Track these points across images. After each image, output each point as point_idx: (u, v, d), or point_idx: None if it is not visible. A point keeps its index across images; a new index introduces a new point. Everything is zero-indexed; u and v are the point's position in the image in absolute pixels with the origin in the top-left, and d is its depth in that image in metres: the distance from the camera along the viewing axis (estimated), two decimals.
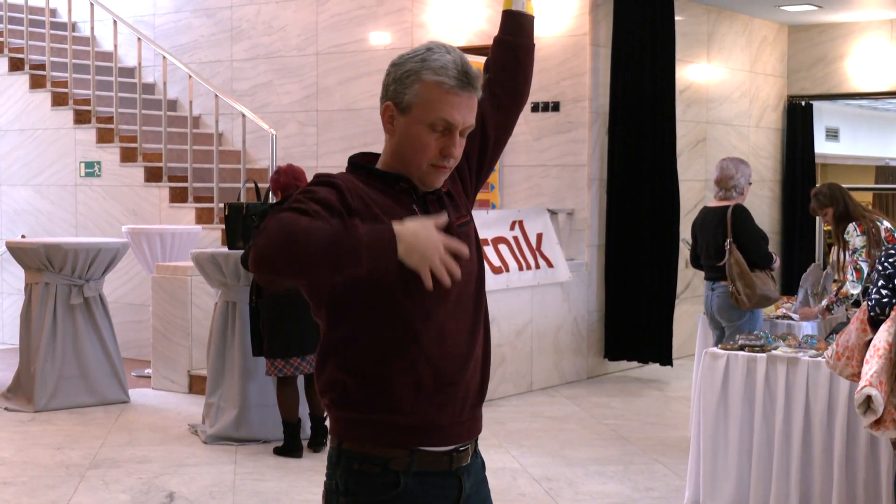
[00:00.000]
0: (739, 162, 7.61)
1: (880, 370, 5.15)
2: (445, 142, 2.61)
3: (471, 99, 2.63)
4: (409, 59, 2.63)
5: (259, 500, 6.38)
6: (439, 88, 2.58)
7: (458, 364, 2.61)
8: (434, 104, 2.59)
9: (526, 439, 7.91)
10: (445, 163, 2.63)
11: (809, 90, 13.32)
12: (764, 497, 5.91)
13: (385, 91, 2.66)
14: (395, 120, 2.63)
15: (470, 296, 2.66)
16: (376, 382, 2.55)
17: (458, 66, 2.61)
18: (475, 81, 2.63)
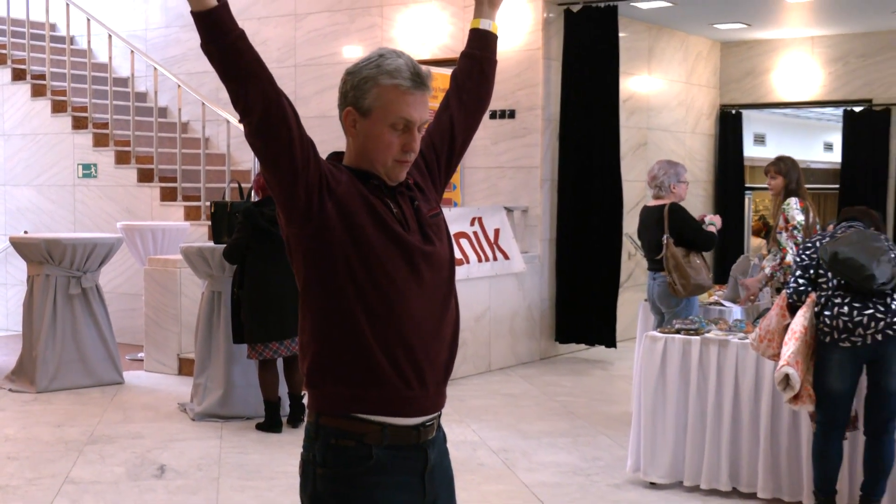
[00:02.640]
0: (669, 164, 7.63)
1: (797, 351, 5.20)
2: (406, 138, 2.61)
3: (424, 97, 2.63)
4: (364, 67, 2.61)
5: (243, 472, 6.36)
6: (396, 90, 2.58)
7: (429, 343, 2.60)
8: (393, 105, 2.58)
9: (485, 415, 7.92)
10: (407, 157, 2.62)
11: (739, 100, 13.41)
12: (697, 465, 5.95)
13: (344, 98, 2.64)
14: (357, 123, 2.62)
15: (442, 280, 2.65)
16: (353, 358, 2.54)
17: (411, 68, 2.60)
18: (427, 80, 2.63)
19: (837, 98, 12.82)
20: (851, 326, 5.15)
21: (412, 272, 2.57)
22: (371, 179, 2.62)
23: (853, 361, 5.22)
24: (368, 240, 2.53)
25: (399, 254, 2.56)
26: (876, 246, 5.22)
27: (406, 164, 2.63)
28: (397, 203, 2.62)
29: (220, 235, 7.96)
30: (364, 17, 11.38)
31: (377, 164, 2.61)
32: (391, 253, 2.55)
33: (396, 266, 2.55)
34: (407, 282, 2.56)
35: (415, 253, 2.58)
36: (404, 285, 2.56)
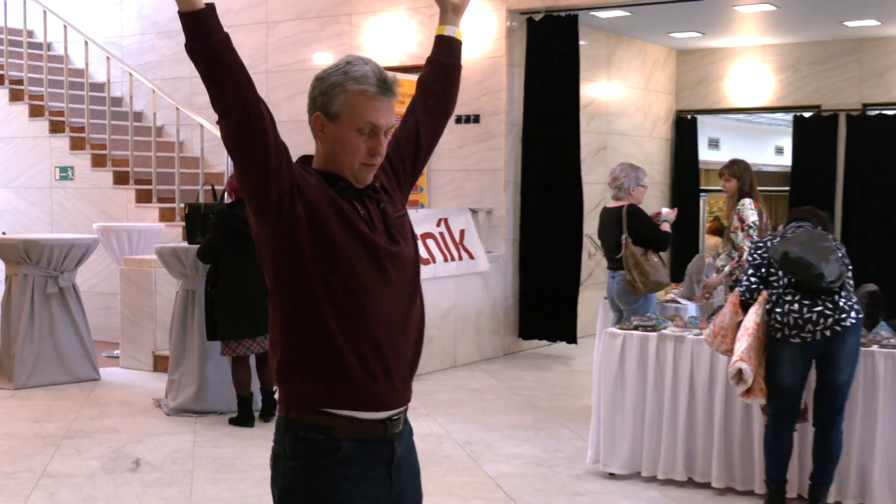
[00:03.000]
0: (631, 167, 7.65)
1: (749, 347, 5.23)
2: (373, 143, 2.60)
3: (390, 102, 2.62)
4: (332, 73, 2.61)
5: (216, 465, 6.33)
6: (363, 96, 2.57)
7: (395, 339, 2.60)
8: (360, 111, 2.57)
9: (450, 408, 7.92)
10: (374, 161, 2.62)
11: (694, 105, 13.48)
12: (655, 456, 5.98)
13: (313, 103, 2.64)
14: (325, 128, 2.61)
15: (407, 279, 2.65)
16: (322, 355, 2.53)
17: (377, 74, 2.60)
18: (393, 87, 2.62)
19: (788, 104, 12.91)
20: (801, 323, 5.19)
21: (379, 271, 2.57)
22: (339, 182, 2.62)
23: (803, 357, 5.25)
24: (336, 240, 2.53)
25: (366, 254, 2.56)
26: (824, 246, 5.26)
27: (373, 167, 2.63)
28: (364, 205, 2.62)
29: (194, 236, 7.94)
30: (333, 24, 11.36)
31: (345, 167, 2.61)
32: (358, 253, 2.55)
33: (363, 265, 2.55)
34: (374, 280, 2.56)
35: (381, 253, 2.58)
36: (371, 284, 2.55)
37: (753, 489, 5.70)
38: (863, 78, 12.28)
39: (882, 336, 5.56)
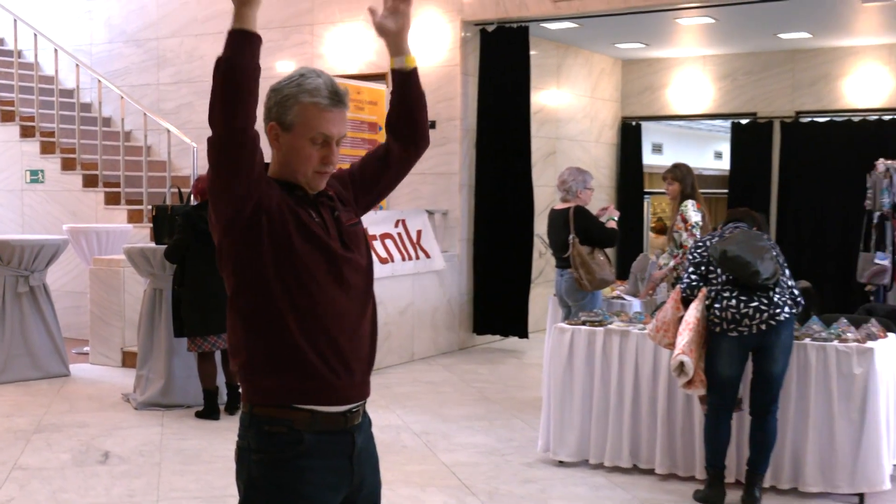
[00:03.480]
0: (578, 171, 7.69)
1: (690, 341, 5.27)
2: (325, 152, 2.60)
3: (342, 113, 2.61)
4: (286, 85, 2.59)
5: (183, 457, 6.27)
6: (315, 108, 2.56)
7: (352, 338, 2.60)
8: (312, 122, 2.56)
9: (408, 401, 7.92)
10: (327, 169, 2.62)
11: (639, 112, 13.57)
12: (602, 445, 6.00)
13: (268, 113, 2.61)
14: (280, 137, 2.60)
15: (361, 283, 2.65)
16: (283, 355, 2.53)
17: (329, 87, 2.58)
18: (344, 98, 2.61)
19: (726, 111, 13.03)
20: (739, 318, 5.24)
21: (334, 275, 2.57)
22: (296, 191, 2.61)
23: (740, 349, 5.30)
24: (296, 248, 2.53)
25: (322, 258, 2.56)
26: (760, 245, 5.32)
27: (325, 174, 2.63)
28: (318, 213, 2.62)
29: (161, 237, 7.90)
30: (296, 34, 11.32)
31: (298, 174, 2.60)
32: (315, 257, 2.55)
33: (320, 269, 2.55)
34: (330, 283, 2.56)
35: (336, 257, 2.58)
36: (327, 286, 2.56)
37: (694, 475, 5.73)
38: (796, 87, 12.43)
39: (814, 330, 5.63)
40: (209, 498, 5.46)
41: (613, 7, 9.66)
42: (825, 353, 5.48)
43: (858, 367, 5.40)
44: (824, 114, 12.27)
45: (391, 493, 5.45)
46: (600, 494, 5.58)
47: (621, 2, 9.55)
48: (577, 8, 9.82)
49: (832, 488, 5.47)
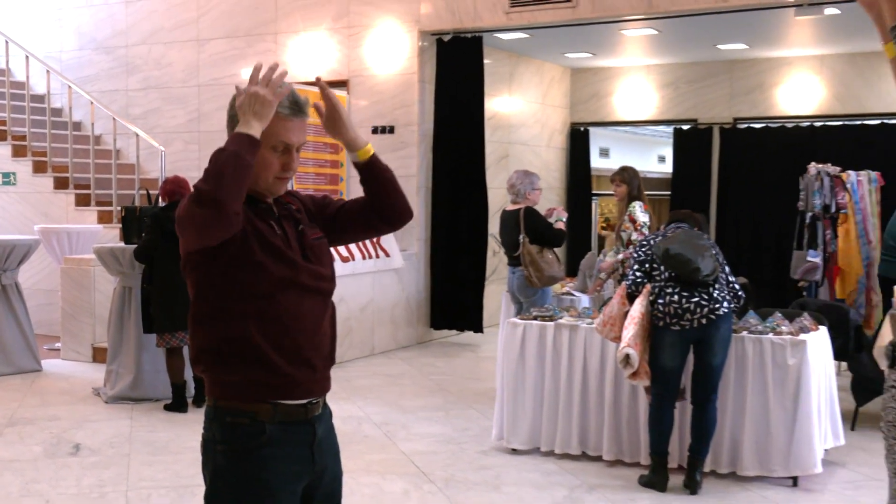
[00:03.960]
0: (525, 173, 7.71)
1: (635, 334, 5.31)
2: (285, 159, 2.58)
3: (302, 122, 2.59)
4: None
5: (152, 448, 6.21)
6: (277, 117, 2.53)
7: (312, 337, 2.59)
8: (274, 130, 2.53)
9: (369, 393, 7.90)
10: (286, 175, 2.60)
11: (587, 118, 13.64)
12: (552, 433, 6.02)
13: (231, 119, 2.59)
14: None
15: (322, 290, 2.64)
16: (247, 356, 2.51)
17: (290, 97, 2.56)
18: (305, 108, 2.59)
19: (669, 118, 13.14)
20: (681, 312, 5.28)
21: (294, 282, 2.55)
22: (259, 204, 2.59)
23: (682, 342, 5.34)
24: (256, 258, 2.51)
25: (283, 267, 2.54)
26: (700, 244, 5.37)
27: (285, 180, 2.61)
28: (280, 225, 2.60)
29: (130, 237, 7.84)
30: (260, 42, 11.25)
31: (259, 180, 2.57)
32: (276, 268, 2.53)
33: (281, 278, 2.53)
34: (290, 290, 2.54)
35: (296, 266, 2.57)
36: (288, 293, 2.54)
37: (639, 461, 5.77)
38: (733, 95, 12.56)
39: (751, 323, 5.69)
40: (177, 487, 5.41)
41: (562, 19, 9.70)
42: (761, 345, 5.54)
43: (792, 358, 5.47)
44: (760, 120, 12.42)
45: (353, 480, 5.44)
46: (551, 480, 5.60)
47: (570, 14, 9.60)
48: (528, 19, 9.86)
49: (768, 472, 5.53)
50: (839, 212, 8.35)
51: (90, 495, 5.28)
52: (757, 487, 5.49)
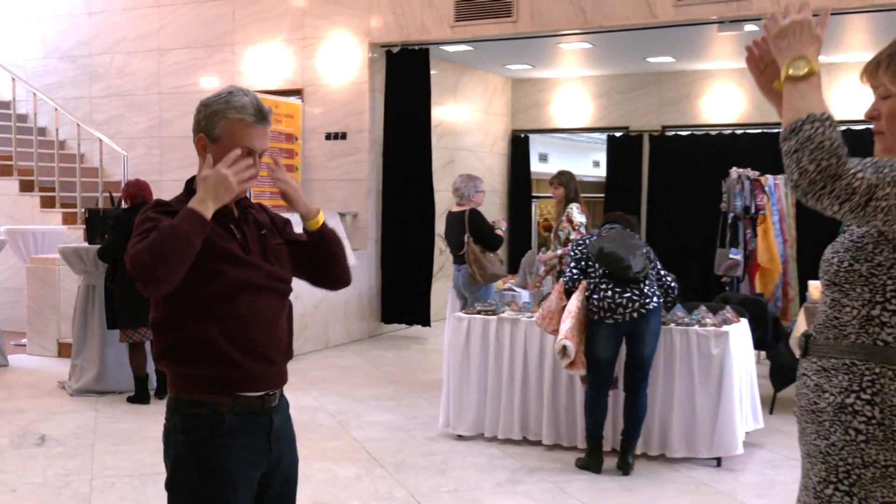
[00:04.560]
0: (469, 177, 7.74)
1: (572, 327, 5.34)
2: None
3: (265, 129, 2.57)
4: (215, 101, 2.55)
5: (115, 438, 6.12)
6: (241, 123, 2.52)
7: (269, 335, 2.57)
8: (238, 136, 2.52)
9: (323, 384, 7.87)
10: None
11: (527, 126, 13.70)
12: (495, 420, 6.04)
13: (197, 125, 2.57)
14: (207, 148, 2.55)
15: (279, 290, 2.63)
16: (206, 347, 2.48)
17: (254, 105, 2.54)
18: (268, 116, 2.57)
19: (602, 125, 13.24)
20: (614, 307, 5.33)
21: (252, 283, 2.53)
22: (221, 208, 2.55)
23: (615, 334, 5.39)
24: (218, 267, 2.49)
25: (241, 269, 2.52)
26: (632, 243, 5.43)
27: (248, 184, 2.59)
28: (241, 229, 2.58)
29: (94, 237, 7.72)
30: (218, 53, 11.13)
31: None
32: (234, 270, 2.51)
33: (239, 279, 2.51)
34: (248, 290, 2.52)
35: (253, 267, 2.54)
36: (246, 293, 2.52)
37: (576, 445, 5.81)
38: (662, 105, 12.70)
39: (678, 316, 5.75)
40: (140, 475, 5.34)
41: (504, 32, 9.74)
42: (687, 336, 5.60)
43: (716, 348, 5.54)
44: (686, 128, 12.55)
45: (307, 467, 5.40)
46: (494, 464, 5.62)
47: (511, 28, 9.64)
48: (472, 33, 9.88)
49: (694, 454, 5.60)
50: (758, 213, 8.47)
51: (56, 484, 5.18)
52: (684, 468, 5.55)
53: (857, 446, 2.00)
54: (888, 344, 1.99)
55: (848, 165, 1.87)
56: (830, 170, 1.87)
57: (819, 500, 2.04)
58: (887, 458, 1.97)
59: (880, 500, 1.98)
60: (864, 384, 2.00)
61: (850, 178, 1.86)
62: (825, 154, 1.88)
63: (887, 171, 1.88)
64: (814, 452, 2.07)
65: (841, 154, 1.88)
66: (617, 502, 4.96)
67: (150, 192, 7.13)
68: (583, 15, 9.27)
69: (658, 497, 5.06)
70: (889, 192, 1.87)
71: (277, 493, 2.64)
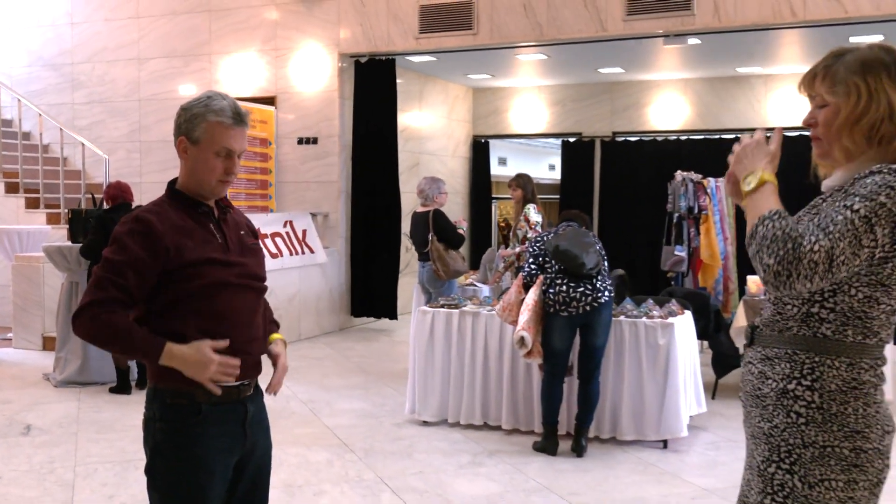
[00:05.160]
0: (433, 179, 7.72)
1: (529, 319, 5.35)
2: (228, 164, 2.53)
3: (243, 131, 2.55)
4: (195, 105, 2.52)
5: (98, 427, 6.03)
6: (220, 126, 2.49)
7: (245, 330, 2.55)
8: (217, 137, 2.49)
9: (296, 374, 7.80)
10: (229, 178, 2.55)
11: (487, 131, 13.71)
12: (458, 407, 6.04)
13: (178, 128, 2.54)
14: (188, 150, 2.52)
15: (255, 288, 2.60)
16: (185, 341, 2.44)
17: (233, 108, 2.52)
18: (245, 119, 2.55)
19: (557, 131, 13.28)
20: (568, 300, 5.34)
21: (229, 280, 2.50)
22: (201, 206, 2.53)
23: (570, 326, 5.40)
24: (197, 268, 2.45)
25: (219, 267, 2.49)
26: (586, 241, 5.44)
27: (227, 183, 2.55)
28: (221, 230, 2.55)
29: (77, 236, 7.61)
30: (196, 62, 11.00)
31: (203, 183, 2.52)
32: (212, 267, 2.47)
33: (216, 277, 2.48)
34: (225, 287, 2.49)
35: (231, 265, 2.52)
36: (223, 290, 2.49)
37: (533, 429, 5.83)
38: (613, 112, 12.77)
39: (627, 309, 5.79)
40: (121, 462, 5.26)
41: (465, 44, 9.73)
42: (636, 327, 5.63)
43: (662, 338, 5.58)
44: (635, 134, 12.64)
45: (281, 452, 5.36)
46: (457, 447, 5.62)
47: (472, 40, 9.63)
48: (435, 44, 9.85)
49: (642, 436, 5.64)
50: (701, 213, 8.55)
51: (41, 471, 5.09)
52: (634, 450, 5.59)
53: (798, 428, 2.01)
54: (827, 337, 2.01)
55: (803, 244, 1.87)
56: (789, 256, 1.87)
57: (762, 478, 2.06)
58: (825, 439, 1.99)
59: (818, 477, 2.00)
60: (804, 371, 2.02)
61: (809, 255, 1.86)
62: (779, 244, 1.88)
63: (832, 227, 1.89)
64: (758, 434, 2.08)
65: (794, 236, 1.88)
66: (571, 482, 4.97)
67: (130, 194, 7.03)
68: (539, 28, 9.28)
69: (609, 477, 5.08)
70: (843, 247, 1.87)
71: (252, 478, 2.61)
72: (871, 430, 1.99)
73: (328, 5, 10.26)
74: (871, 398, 2.00)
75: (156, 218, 2.46)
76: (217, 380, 2.42)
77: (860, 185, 1.93)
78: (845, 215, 1.89)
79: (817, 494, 1.98)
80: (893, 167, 1.94)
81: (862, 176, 1.96)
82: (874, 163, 2.00)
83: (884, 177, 1.92)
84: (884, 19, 8.12)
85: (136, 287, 2.41)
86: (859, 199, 1.90)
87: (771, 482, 2.03)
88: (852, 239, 1.87)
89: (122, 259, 2.41)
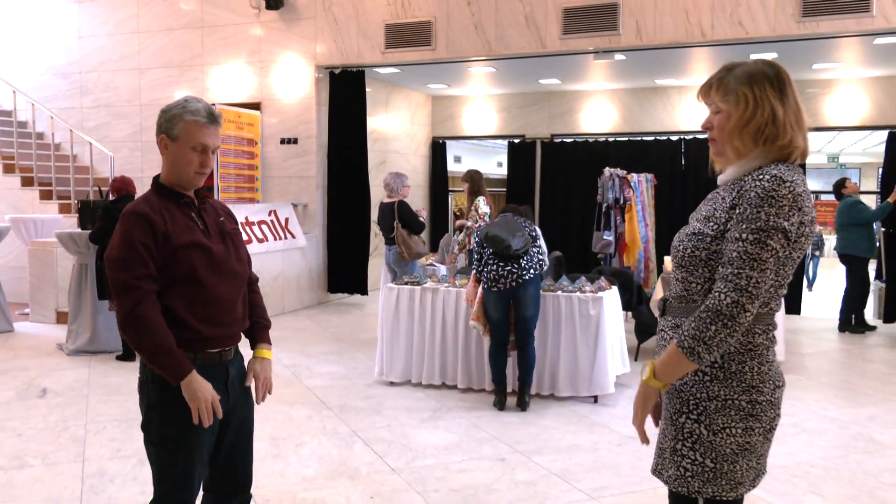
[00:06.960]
0: (397, 175, 7.69)
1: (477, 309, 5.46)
2: (203, 158, 2.49)
3: (216, 129, 2.51)
4: (174, 107, 2.49)
5: (107, 390, 5.94)
6: (196, 124, 2.46)
7: (227, 310, 2.52)
8: (193, 134, 2.46)
9: (280, 342, 7.75)
10: (204, 171, 2.51)
11: (444, 134, 13.67)
12: (420, 368, 6.05)
13: (159, 128, 2.50)
14: (168, 146, 2.49)
15: (238, 272, 2.56)
16: (173, 318, 2.41)
17: (206, 109, 2.49)
18: (218, 119, 2.52)
19: (504, 133, 13.29)
20: (497, 277, 5.35)
21: (213, 265, 2.47)
22: (183, 197, 2.49)
23: (501, 300, 5.39)
24: (183, 253, 2.42)
25: (201, 253, 2.45)
26: (515, 227, 5.44)
27: (203, 175, 2.51)
28: (202, 218, 2.52)
29: (85, 224, 7.48)
30: (190, 71, 10.81)
31: (182, 175, 2.49)
32: (196, 254, 2.44)
33: (200, 262, 2.44)
34: (209, 272, 2.45)
35: (212, 251, 2.48)
36: (207, 275, 2.45)
37: (485, 388, 5.87)
38: (551, 117, 12.80)
39: (564, 285, 5.81)
40: (127, 420, 5.19)
41: (425, 58, 9.68)
42: (571, 301, 5.67)
43: (593, 309, 5.63)
44: (570, 136, 12.68)
45: (268, 409, 5.33)
46: (419, 404, 5.63)
47: (430, 54, 9.58)
48: (399, 58, 9.79)
49: (576, 392, 5.69)
50: (626, 203, 8.62)
51: (55, 429, 5.00)
52: (569, 404, 5.65)
53: (704, 384, 2.05)
54: None
55: (722, 310, 1.89)
56: (726, 323, 1.90)
57: (675, 426, 2.09)
58: (726, 393, 2.03)
59: (721, 425, 2.03)
60: None
61: (733, 307, 1.89)
62: (712, 327, 1.91)
63: (731, 270, 1.91)
64: (671, 390, 2.11)
65: (710, 313, 1.91)
66: (517, 432, 5.01)
67: (133, 187, 6.92)
68: (488, 45, 9.27)
69: (549, 428, 5.12)
70: (749, 275, 1.89)
71: (236, 429, 2.59)
72: (764, 385, 2.03)
73: (306, 23, 10.14)
74: (765, 358, 2.04)
75: (149, 208, 2.43)
76: (200, 411, 2.40)
77: (745, 199, 1.94)
78: (738, 249, 1.90)
79: (720, 440, 2.02)
80: (773, 171, 1.95)
81: (750, 177, 1.97)
82: (760, 160, 2.02)
83: (762, 184, 1.93)
84: (777, 39, 8.25)
85: (154, 270, 2.38)
86: (745, 226, 1.91)
87: (682, 430, 2.06)
88: (753, 263, 1.89)
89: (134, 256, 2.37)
